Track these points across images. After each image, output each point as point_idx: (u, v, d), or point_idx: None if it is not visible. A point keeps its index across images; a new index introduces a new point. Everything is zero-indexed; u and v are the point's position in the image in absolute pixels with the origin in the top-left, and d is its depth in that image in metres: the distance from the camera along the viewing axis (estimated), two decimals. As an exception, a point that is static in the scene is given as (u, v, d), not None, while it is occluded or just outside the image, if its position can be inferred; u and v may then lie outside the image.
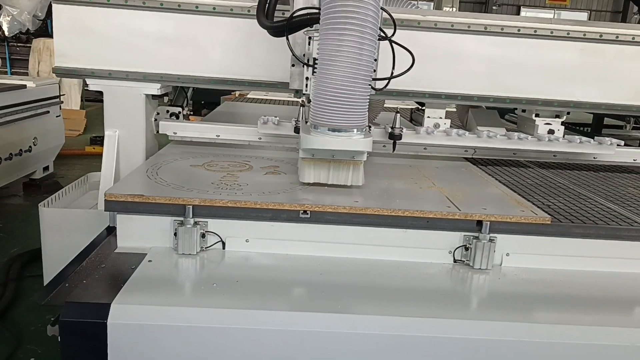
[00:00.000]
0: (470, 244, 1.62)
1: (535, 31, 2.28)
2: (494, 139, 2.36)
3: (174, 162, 2.07)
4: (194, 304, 1.32)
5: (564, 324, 1.36)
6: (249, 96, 4.94)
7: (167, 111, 2.52)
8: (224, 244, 1.63)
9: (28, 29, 7.94)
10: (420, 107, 3.22)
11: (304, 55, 1.96)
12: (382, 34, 1.76)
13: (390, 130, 2.24)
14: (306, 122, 1.93)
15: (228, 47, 2.25)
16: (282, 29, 1.82)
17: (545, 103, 2.37)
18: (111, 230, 1.74)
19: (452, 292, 1.53)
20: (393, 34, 1.81)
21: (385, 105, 3.70)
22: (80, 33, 2.19)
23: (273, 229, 1.63)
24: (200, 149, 2.36)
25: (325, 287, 1.46)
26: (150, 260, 1.53)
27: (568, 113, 2.48)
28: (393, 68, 1.82)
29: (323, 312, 1.32)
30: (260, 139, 2.40)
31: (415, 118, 3.16)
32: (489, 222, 1.60)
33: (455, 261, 1.65)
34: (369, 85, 1.68)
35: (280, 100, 4.56)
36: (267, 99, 4.66)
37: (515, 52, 2.30)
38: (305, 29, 1.89)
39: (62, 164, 5.79)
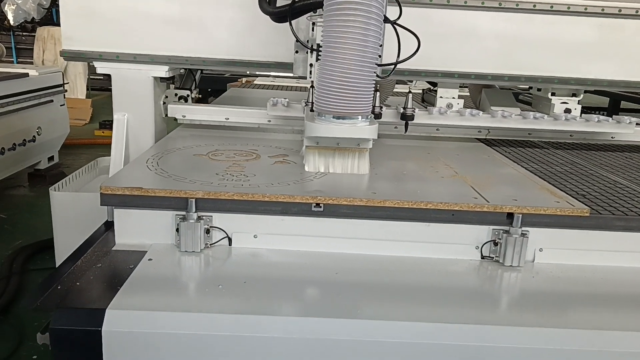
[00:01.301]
0: (500, 239, 1.47)
1: (551, 7, 2.19)
2: (509, 118, 2.30)
3: (176, 152, 1.94)
4: (198, 309, 1.19)
5: (610, 329, 1.21)
6: (255, 82, 4.80)
7: (176, 94, 2.48)
8: (230, 240, 1.50)
9: (33, 17, 7.81)
10: (432, 88, 3.17)
11: (307, 41, 1.91)
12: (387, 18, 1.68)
13: (402, 110, 2.20)
14: (311, 110, 1.85)
15: (236, 28, 2.16)
16: (284, 14, 1.77)
17: (561, 81, 2.29)
18: (109, 226, 1.62)
19: (481, 293, 1.39)
20: (398, 17, 1.75)
21: (395, 90, 3.61)
22: (87, 16, 2.16)
23: (283, 223, 1.50)
24: (208, 132, 2.32)
25: (341, 288, 1.32)
26: (150, 259, 1.41)
27: (585, 91, 2.42)
28: (399, 53, 1.76)
29: (340, 317, 1.18)
30: (269, 121, 2.34)
31: (427, 99, 3.12)
32: (520, 215, 1.45)
33: (482, 257, 1.51)
34: (374, 71, 1.63)
35: (287, 86, 4.42)
36: (274, 85, 4.52)
37: (531, 29, 2.23)
38: (309, 14, 1.83)
39: (68, 153, 5.70)
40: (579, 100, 2.40)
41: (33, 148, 4.56)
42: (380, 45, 1.79)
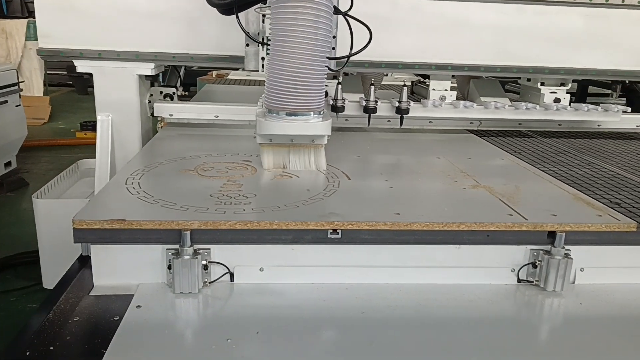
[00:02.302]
0: (540, 261, 1.31)
1: None
2: (502, 110, 2.33)
3: (159, 167, 1.68)
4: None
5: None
6: (229, 77, 4.52)
7: (161, 92, 2.38)
8: (232, 275, 1.28)
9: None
10: (422, 80, 3.14)
11: (258, 34, 1.85)
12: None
13: (397, 104, 2.19)
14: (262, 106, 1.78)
15: (225, 22, 1.91)
16: (231, 6, 1.68)
17: (551, 71, 2.31)
18: (85, 261, 1.37)
19: (524, 323, 1.23)
20: (350, 8, 1.71)
21: (383, 83, 3.50)
22: (66, 11, 2.05)
23: (294, 253, 1.29)
24: (196, 130, 2.25)
25: (372, 332, 1.12)
26: (138, 306, 1.17)
27: (573, 81, 2.46)
28: (352, 45, 1.73)
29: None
30: None
31: (417, 91, 3.09)
32: (563, 234, 1.29)
33: (519, 281, 1.35)
34: (326, 65, 1.60)
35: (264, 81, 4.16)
36: (249, 80, 4.25)
37: (522, 20, 2.23)
38: (258, 6, 1.74)
39: (26, 157, 5.27)
40: (567, 90, 2.41)
41: (-13, 154, 4.15)
42: (334, 37, 1.79)
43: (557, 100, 2.40)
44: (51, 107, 7.42)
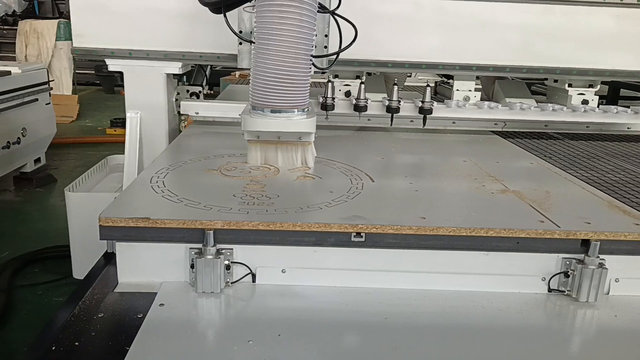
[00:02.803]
0: (572, 270, 1.26)
1: None
2: (527, 111, 2.31)
3: (183, 166, 1.69)
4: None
5: None
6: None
7: (187, 90, 2.42)
8: (254, 276, 1.27)
9: (14, 10, 7.44)
10: (445, 80, 3.11)
11: (251, 32, 1.84)
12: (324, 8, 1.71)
13: (420, 104, 2.21)
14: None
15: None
16: (219, 5, 1.70)
17: (580, 72, 2.28)
18: (110, 258, 1.38)
19: (555, 334, 1.18)
20: (337, 7, 1.74)
21: (406, 84, 3.49)
22: (99, 12, 2.12)
23: (316, 255, 1.27)
24: (220, 128, 2.27)
25: (396, 337, 1.10)
26: (161, 304, 1.17)
27: (604, 83, 2.56)
28: (340, 43, 1.76)
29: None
30: None
31: (440, 92, 3.05)
32: (598, 243, 1.24)
33: (550, 290, 1.30)
34: (310, 63, 1.62)
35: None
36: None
37: (549, 20, 2.20)
38: (246, 5, 1.75)
39: (55, 154, 5.40)
40: (595, 91, 2.37)
41: (18, 150, 4.26)
42: (326, 36, 1.84)
43: (585, 102, 2.37)
44: (79, 105, 7.60)
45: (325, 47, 1.86)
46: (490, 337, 1.14)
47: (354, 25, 1.74)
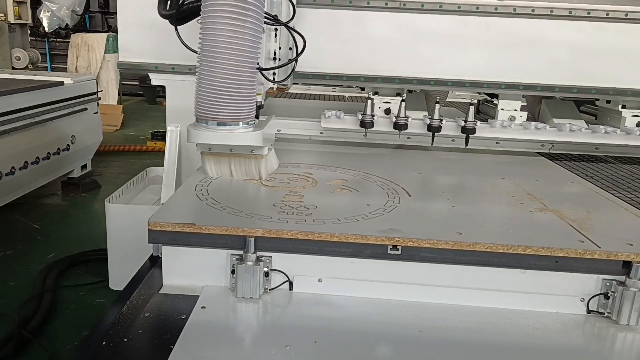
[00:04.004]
0: (613, 292, 1.24)
1: (626, 15, 2.08)
2: (577, 132, 2.21)
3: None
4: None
5: None
6: (290, 91, 4.64)
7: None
8: (291, 284, 1.31)
9: (67, 24, 7.87)
10: (489, 99, 3.01)
11: None
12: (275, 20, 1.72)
13: (463, 123, 2.15)
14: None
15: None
16: (171, 17, 1.70)
17: (634, 93, 2.18)
18: (154, 261, 1.45)
19: (593, 356, 1.16)
20: (291, 18, 1.74)
21: (449, 100, 3.43)
22: (145, 27, 2.16)
23: (352, 266, 1.30)
24: None
25: (430, 351, 1.11)
26: (203, 307, 1.23)
27: None
28: (297, 55, 1.75)
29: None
30: (321, 133, 2.29)
31: (483, 110, 2.98)
32: (640, 265, 1.21)
33: (589, 312, 1.28)
34: (255, 75, 1.58)
35: (325, 95, 4.23)
36: (309, 93, 4.34)
37: (602, 38, 2.12)
38: (199, 18, 1.71)
39: (100, 160, 5.65)
40: None
41: (67, 157, 4.49)
42: (280, 48, 1.82)
43: None
44: (123, 115, 7.94)
45: (279, 59, 1.89)
46: (526, 356, 1.13)
47: (303, 38, 1.74)
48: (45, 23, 7.64)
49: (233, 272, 1.28)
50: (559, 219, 1.48)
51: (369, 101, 2.17)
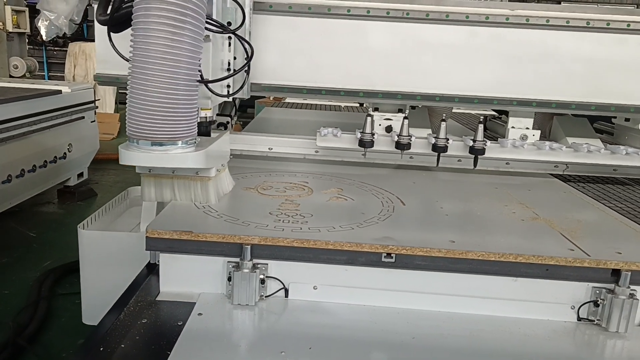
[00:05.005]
0: (602, 299, 1.26)
1: None
2: (596, 154, 2.02)
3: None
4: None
5: None
6: (287, 100, 4.67)
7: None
8: (286, 291, 1.33)
9: (65, 33, 7.91)
10: (497, 115, 2.84)
11: None
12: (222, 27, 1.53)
13: (471, 143, 1.96)
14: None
15: (284, 52, 1.95)
16: (113, 23, 1.49)
17: None
18: (151, 268, 1.47)
19: (583, 364, 1.18)
20: (240, 26, 1.55)
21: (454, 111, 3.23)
22: (124, 37, 1.99)
23: (347, 274, 1.32)
24: (248, 162, 2.11)
25: (423, 358, 1.13)
26: (200, 314, 1.24)
27: None
28: (248, 64, 1.60)
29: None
30: (317, 152, 2.13)
31: (491, 127, 2.73)
32: (629, 273, 1.24)
33: (579, 319, 1.30)
34: (193, 87, 1.39)
35: (320, 105, 4.26)
36: (306, 103, 4.37)
37: (622, 51, 1.95)
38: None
39: (96, 169, 5.65)
40: None
41: (63, 165, 4.50)
42: (235, 58, 1.65)
43: None
44: (120, 123, 7.96)
45: (230, 69, 1.72)
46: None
47: (250, 46, 1.60)
48: (43, 32, 7.67)
49: (229, 279, 1.30)
50: (549, 227, 1.50)
51: (369, 118, 1.97)
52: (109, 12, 1.48)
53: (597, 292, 1.28)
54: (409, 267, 1.29)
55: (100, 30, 1.85)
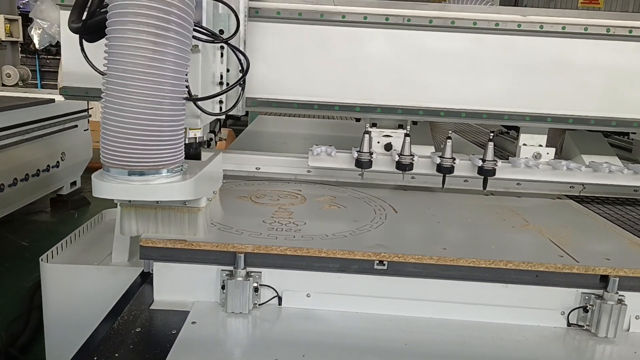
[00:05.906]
0: (592, 305, 1.28)
1: None
2: (617, 174, 1.85)
3: (215, 193, 1.79)
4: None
5: None
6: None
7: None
8: (280, 299, 1.34)
9: (58, 41, 7.91)
10: (506, 131, 2.64)
11: None
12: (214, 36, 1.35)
13: (480, 163, 1.80)
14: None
15: (274, 67, 1.78)
16: (85, 31, 1.28)
17: None
18: (145, 277, 1.47)
19: (572, 369, 1.20)
20: (233, 35, 1.37)
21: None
22: (94, 47, 1.65)
23: (340, 281, 1.33)
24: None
25: (414, 365, 1.14)
26: (193, 322, 1.25)
27: None
28: (244, 75, 1.41)
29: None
30: (309, 172, 1.99)
31: (498, 143, 2.45)
32: (617, 278, 1.26)
33: (569, 325, 1.32)
34: (179, 107, 1.20)
35: (317, 114, 4.24)
36: (299, 114, 4.34)
37: None
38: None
39: (90, 178, 5.59)
40: None
41: (56, 174, 4.48)
42: (228, 70, 1.44)
43: None
44: (114, 131, 7.93)
45: (223, 82, 1.53)
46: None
47: (246, 57, 1.43)
48: (36, 40, 7.67)
49: (223, 287, 1.31)
50: (539, 234, 1.53)
51: (366, 136, 1.80)
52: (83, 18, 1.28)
53: (587, 297, 1.30)
54: (401, 274, 1.31)
55: (68, 37, 1.56)
